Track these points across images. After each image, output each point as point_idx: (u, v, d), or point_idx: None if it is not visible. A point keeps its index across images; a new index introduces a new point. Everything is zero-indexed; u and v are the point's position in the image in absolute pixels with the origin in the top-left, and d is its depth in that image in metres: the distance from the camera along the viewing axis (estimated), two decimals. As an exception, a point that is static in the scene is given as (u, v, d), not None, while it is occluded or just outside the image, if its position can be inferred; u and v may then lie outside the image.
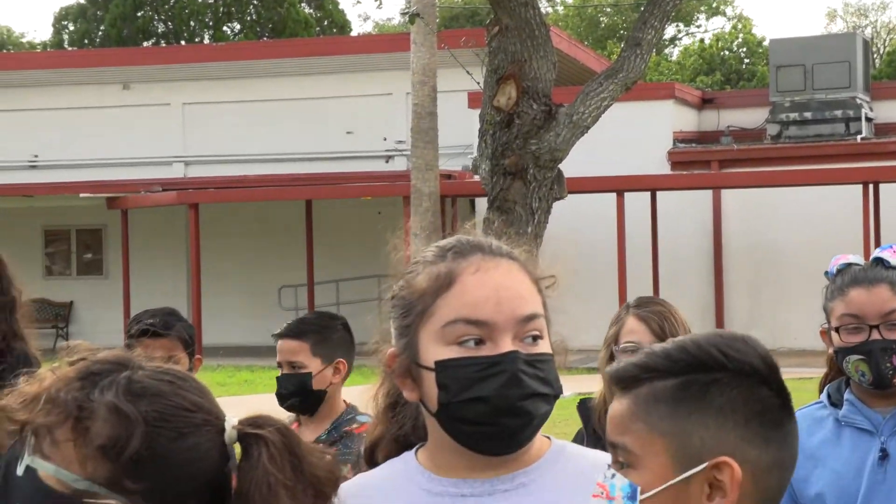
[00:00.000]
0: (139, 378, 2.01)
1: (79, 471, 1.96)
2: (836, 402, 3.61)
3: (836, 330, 3.48)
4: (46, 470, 1.97)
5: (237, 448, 2.02)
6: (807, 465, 3.56)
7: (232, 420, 2.02)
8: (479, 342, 2.13)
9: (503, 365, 2.13)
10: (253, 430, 2.01)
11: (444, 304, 2.15)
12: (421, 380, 2.17)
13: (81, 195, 27.31)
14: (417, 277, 2.18)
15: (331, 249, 27.24)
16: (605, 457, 2.27)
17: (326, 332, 4.57)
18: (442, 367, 2.14)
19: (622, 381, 1.92)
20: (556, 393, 2.22)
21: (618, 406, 1.91)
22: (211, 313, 25.98)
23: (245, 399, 17.61)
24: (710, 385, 1.88)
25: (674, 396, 1.88)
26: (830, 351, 3.59)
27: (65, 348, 2.10)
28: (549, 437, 2.32)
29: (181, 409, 1.99)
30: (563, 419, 1.83)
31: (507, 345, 2.13)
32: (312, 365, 4.46)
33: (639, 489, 1.87)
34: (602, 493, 1.90)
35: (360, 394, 2.48)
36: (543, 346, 2.19)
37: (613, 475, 1.90)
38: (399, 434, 2.35)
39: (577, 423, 4.30)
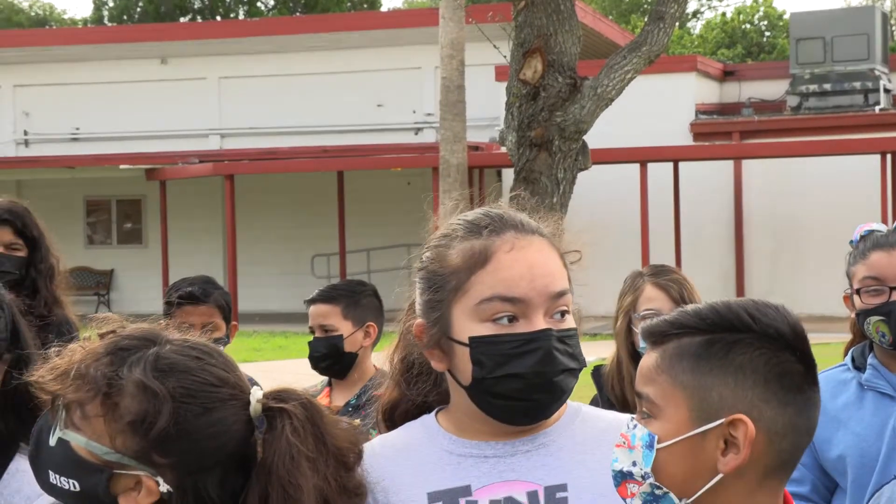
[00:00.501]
0: (166, 354, 2.01)
1: (109, 444, 1.99)
2: (859, 366, 3.60)
3: (858, 292, 3.47)
4: (78, 442, 1.99)
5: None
6: (829, 426, 3.56)
7: (257, 394, 2.03)
8: (513, 319, 2.13)
9: (538, 342, 2.13)
10: (277, 403, 2.02)
11: (478, 282, 2.14)
12: (452, 353, 2.16)
13: (121, 167, 27.42)
14: (450, 252, 2.18)
15: (362, 219, 27.27)
16: (619, 417, 2.30)
17: (356, 297, 4.58)
18: (477, 343, 2.14)
19: (653, 336, 1.94)
20: (582, 366, 2.22)
21: (647, 359, 1.94)
22: (246, 281, 26.08)
23: (280, 364, 17.68)
24: (734, 344, 1.89)
25: (697, 352, 1.89)
26: (853, 316, 3.58)
27: (96, 319, 2.12)
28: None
29: (207, 385, 2.00)
30: (578, 385, 1.84)
31: (539, 322, 2.13)
32: (343, 328, 4.47)
33: (656, 438, 1.88)
34: (624, 443, 1.92)
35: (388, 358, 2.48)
36: (570, 321, 2.19)
37: (636, 426, 1.92)
38: (423, 402, 2.34)
39: (592, 390, 4.29)
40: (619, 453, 1.93)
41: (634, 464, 1.90)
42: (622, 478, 1.92)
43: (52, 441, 2.02)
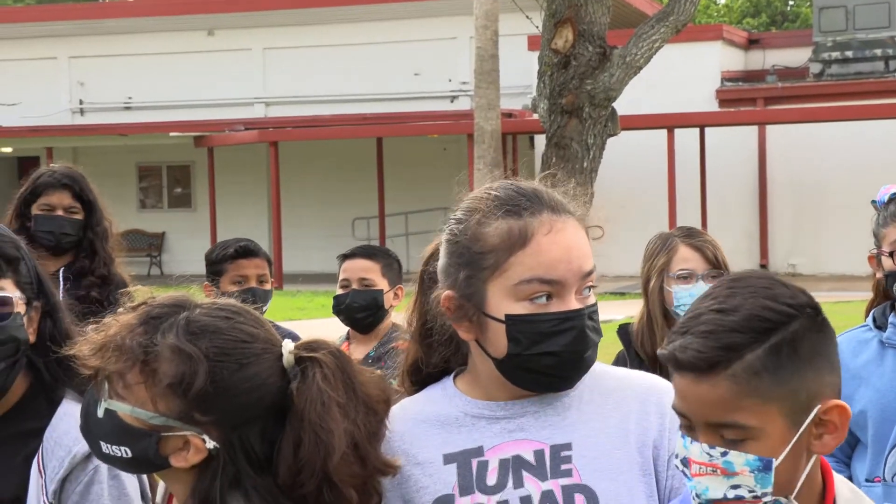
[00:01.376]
0: (197, 317, 2.03)
1: (152, 409, 2.00)
2: (880, 326, 3.57)
3: (890, 255, 3.44)
4: (123, 410, 2.01)
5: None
6: (851, 383, 3.54)
7: (288, 345, 2.04)
8: (549, 297, 2.12)
9: (573, 321, 2.13)
10: (308, 353, 2.03)
11: (517, 263, 2.12)
12: (485, 327, 2.15)
13: (171, 134, 27.54)
14: (487, 231, 2.15)
15: (400, 183, 27.28)
16: (630, 375, 2.30)
17: (390, 260, 4.64)
18: (514, 321, 2.13)
19: (702, 366, 1.82)
20: (601, 337, 2.21)
21: (712, 390, 1.81)
22: (290, 243, 26.18)
23: (323, 322, 17.73)
24: (794, 340, 1.83)
25: (772, 364, 1.81)
26: (879, 275, 3.55)
27: (126, 294, 2.14)
28: None
29: (239, 342, 2.01)
30: (604, 342, 1.84)
31: (572, 301, 2.13)
32: (382, 284, 4.51)
33: (773, 461, 1.81)
34: (715, 471, 1.82)
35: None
36: (593, 296, 2.18)
37: (725, 453, 1.81)
38: (445, 366, 2.34)
39: (618, 346, 4.27)
40: (709, 482, 1.83)
41: (738, 487, 1.81)
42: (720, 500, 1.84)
43: (100, 413, 2.03)
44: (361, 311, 4.51)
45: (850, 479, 3.55)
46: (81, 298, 4.87)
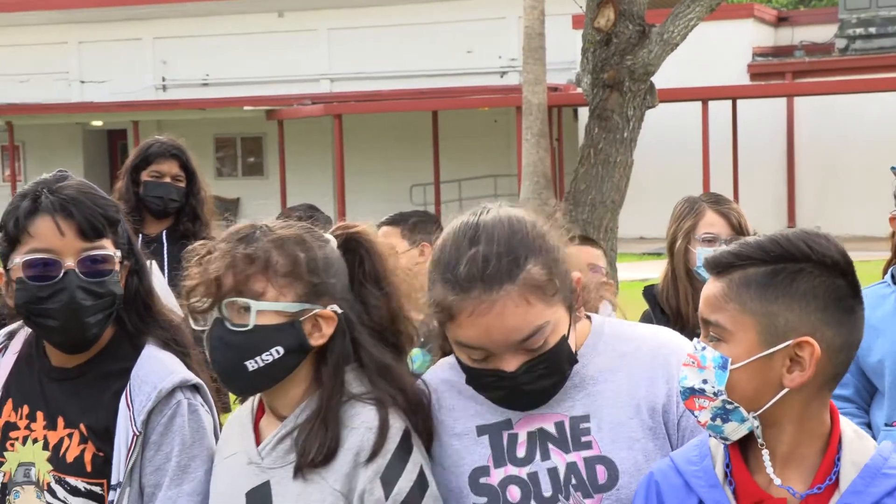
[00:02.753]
0: (269, 224, 2.21)
1: (286, 300, 2.14)
2: (898, 282, 3.56)
3: None
4: (264, 317, 2.13)
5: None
6: (869, 335, 3.50)
7: (329, 234, 2.25)
8: (486, 356, 2.09)
9: (506, 381, 2.09)
10: (346, 231, 2.27)
11: (449, 329, 2.11)
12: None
13: (245, 108, 27.67)
14: (434, 288, 2.11)
15: (454, 153, 27.27)
16: (643, 337, 2.23)
17: (412, 223, 4.58)
18: (460, 363, 2.15)
19: (718, 266, 1.91)
20: (569, 369, 2.13)
21: (712, 287, 1.91)
22: (353, 208, 26.21)
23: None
24: (798, 274, 1.87)
25: (764, 281, 1.87)
26: (897, 236, 3.53)
27: (190, 251, 2.24)
28: (589, 318, 2.28)
29: (307, 232, 2.20)
30: (630, 300, 1.80)
31: (508, 362, 2.07)
32: (401, 246, 4.45)
33: (729, 360, 1.87)
34: (693, 363, 1.91)
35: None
36: (549, 343, 2.08)
37: (704, 348, 1.90)
38: None
39: (644, 305, 4.25)
40: (688, 372, 1.91)
41: (705, 381, 1.89)
42: (691, 393, 1.91)
43: (246, 328, 2.13)
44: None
45: (870, 424, 3.55)
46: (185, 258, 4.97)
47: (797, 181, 25.18)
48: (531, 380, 2.09)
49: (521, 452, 2.16)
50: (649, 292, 4.25)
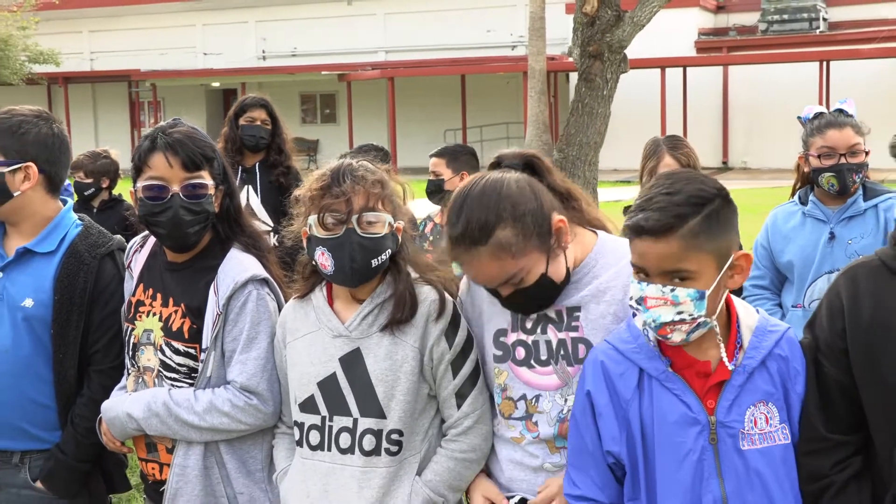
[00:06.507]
0: (364, 163, 2.18)
1: (390, 216, 2.15)
2: (803, 202, 3.53)
3: (818, 157, 3.38)
4: (383, 226, 2.13)
5: None
6: (782, 241, 3.51)
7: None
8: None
9: (503, 301, 2.09)
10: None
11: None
12: None
13: (322, 73, 27.45)
14: (443, 239, 2.09)
15: (477, 106, 27.09)
16: (621, 248, 2.10)
17: (455, 154, 4.46)
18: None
19: (660, 230, 1.79)
20: (553, 293, 2.09)
21: (666, 247, 1.79)
22: (402, 146, 26.17)
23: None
24: (720, 210, 1.82)
25: (707, 228, 1.80)
26: (806, 170, 3.49)
27: (294, 202, 2.21)
28: (596, 233, 2.21)
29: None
30: (612, 215, 1.77)
31: (501, 290, 2.04)
32: (446, 174, 4.42)
33: (707, 292, 1.80)
34: (665, 303, 1.80)
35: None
36: (526, 281, 2.03)
37: (673, 290, 1.80)
38: None
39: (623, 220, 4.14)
40: (661, 311, 1.80)
41: (681, 313, 1.80)
42: (663, 325, 1.81)
43: (378, 235, 2.12)
44: (432, 194, 4.44)
45: (781, 305, 3.54)
46: (272, 183, 4.97)
47: (730, 128, 24.92)
48: (519, 302, 2.07)
49: (529, 324, 2.15)
50: (627, 211, 4.18)
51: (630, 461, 1.87)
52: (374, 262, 2.12)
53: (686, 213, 1.79)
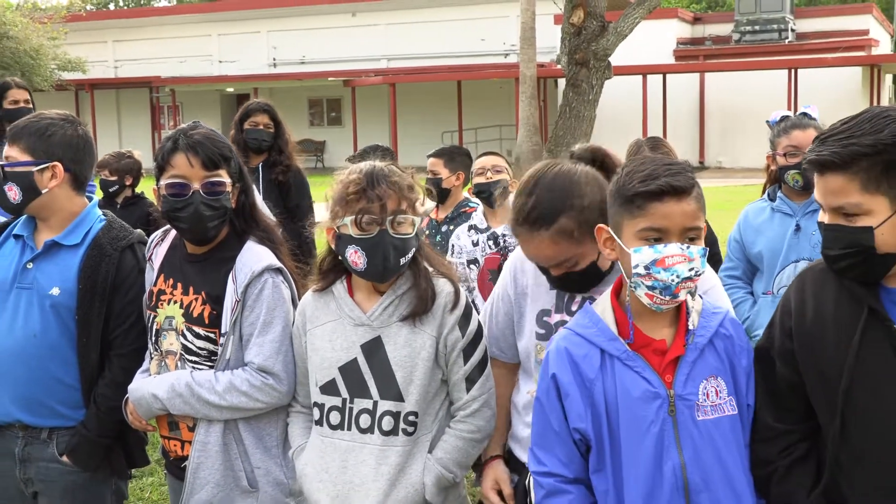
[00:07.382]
0: (388, 166, 2.17)
1: (417, 218, 2.14)
2: (772, 199, 3.55)
3: (784, 156, 3.40)
4: (411, 226, 2.13)
5: None
6: (753, 234, 3.53)
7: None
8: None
9: (554, 281, 2.12)
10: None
11: None
12: None
13: (329, 79, 27.39)
14: (511, 218, 2.09)
15: (472, 110, 27.05)
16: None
17: (451, 155, 4.42)
18: None
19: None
20: (597, 279, 2.11)
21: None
22: (403, 146, 26.15)
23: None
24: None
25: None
26: (773, 168, 3.50)
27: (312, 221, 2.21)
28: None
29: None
30: None
31: (554, 270, 2.08)
32: (443, 173, 4.36)
33: (707, 249, 1.80)
34: (683, 259, 1.80)
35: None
36: (579, 265, 2.06)
37: (688, 247, 1.79)
38: None
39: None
40: (681, 268, 1.79)
41: (692, 269, 1.79)
42: (683, 281, 1.80)
43: (409, 235, 2.12)
44: (430, 192, 4.39)
45: (752, 293, 3.55)
46: (272, 181, 4.96)
47: (706, 130, 24.88)
48: (568, 282, 2.09)
49: (573, 307, 2.15)
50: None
51: (595, 436, 1.88)
52: (403, 261, 2.14)
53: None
